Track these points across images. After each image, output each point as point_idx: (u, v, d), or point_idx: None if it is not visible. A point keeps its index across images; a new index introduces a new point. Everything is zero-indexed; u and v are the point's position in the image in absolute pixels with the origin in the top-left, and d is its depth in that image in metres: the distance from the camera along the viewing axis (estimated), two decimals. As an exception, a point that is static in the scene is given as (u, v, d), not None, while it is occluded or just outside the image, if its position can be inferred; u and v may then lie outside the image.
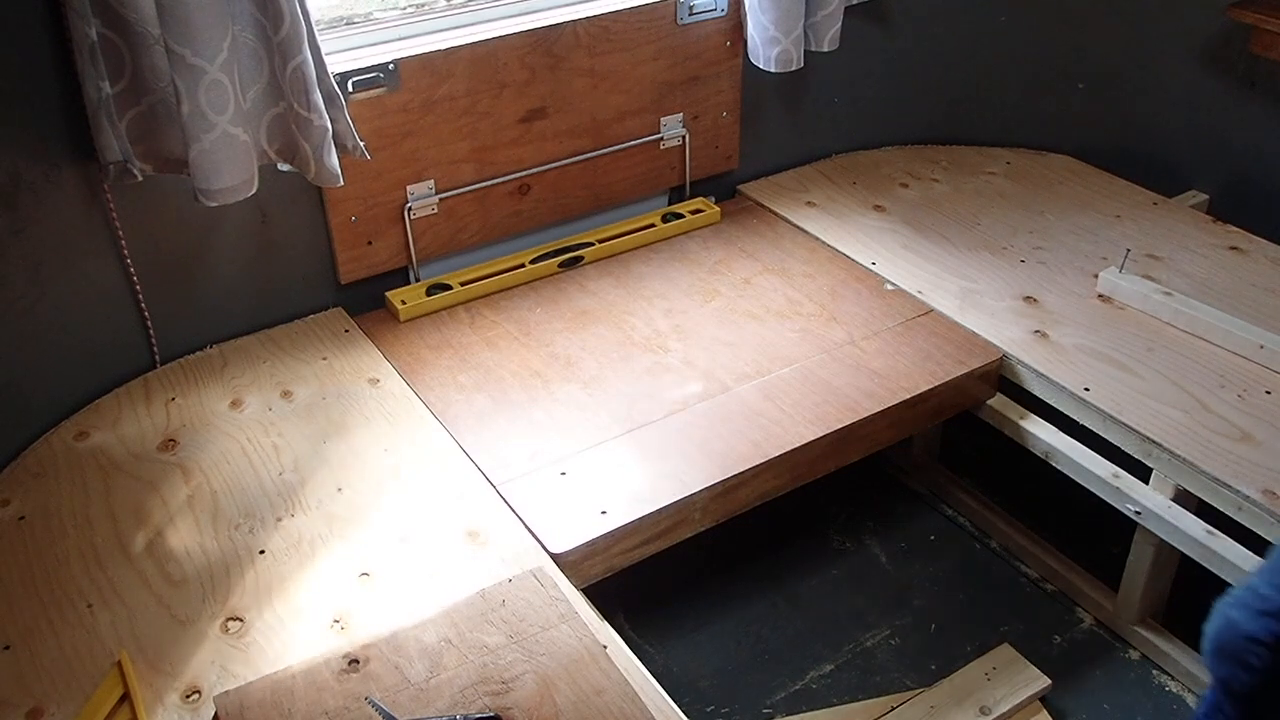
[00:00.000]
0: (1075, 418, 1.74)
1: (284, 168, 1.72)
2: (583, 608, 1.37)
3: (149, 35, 1.51)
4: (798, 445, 1.62)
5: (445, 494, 1.54)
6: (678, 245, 2.13)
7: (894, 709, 1.73)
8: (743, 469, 1.58)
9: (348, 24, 1.88)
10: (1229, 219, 2.15)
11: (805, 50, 2.14)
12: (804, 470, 1.66)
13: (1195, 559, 1.61)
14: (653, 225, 2.16)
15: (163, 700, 1.26)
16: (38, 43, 1.51)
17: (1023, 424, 1.81)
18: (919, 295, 1.95)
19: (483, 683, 1.24)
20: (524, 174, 2.01)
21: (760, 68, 2.14)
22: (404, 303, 1.93)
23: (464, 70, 1.87)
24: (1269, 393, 1.72)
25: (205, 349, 1.84)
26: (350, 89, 1.76)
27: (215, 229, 1.78)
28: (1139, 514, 1.68)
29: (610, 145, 2.09)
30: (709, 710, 1.77)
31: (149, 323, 1.77)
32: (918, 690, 1.77)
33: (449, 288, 1.97)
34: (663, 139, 2.15)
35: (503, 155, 1.98)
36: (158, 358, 1.80)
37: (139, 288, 1.73)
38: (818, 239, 2.13)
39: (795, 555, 2.05)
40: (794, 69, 2.14)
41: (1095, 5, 2.32)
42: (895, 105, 2.42)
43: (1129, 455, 1.69)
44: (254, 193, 1.63)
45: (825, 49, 2.16)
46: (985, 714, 1.71)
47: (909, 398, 1.72)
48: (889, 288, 1.98)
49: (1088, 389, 1.73)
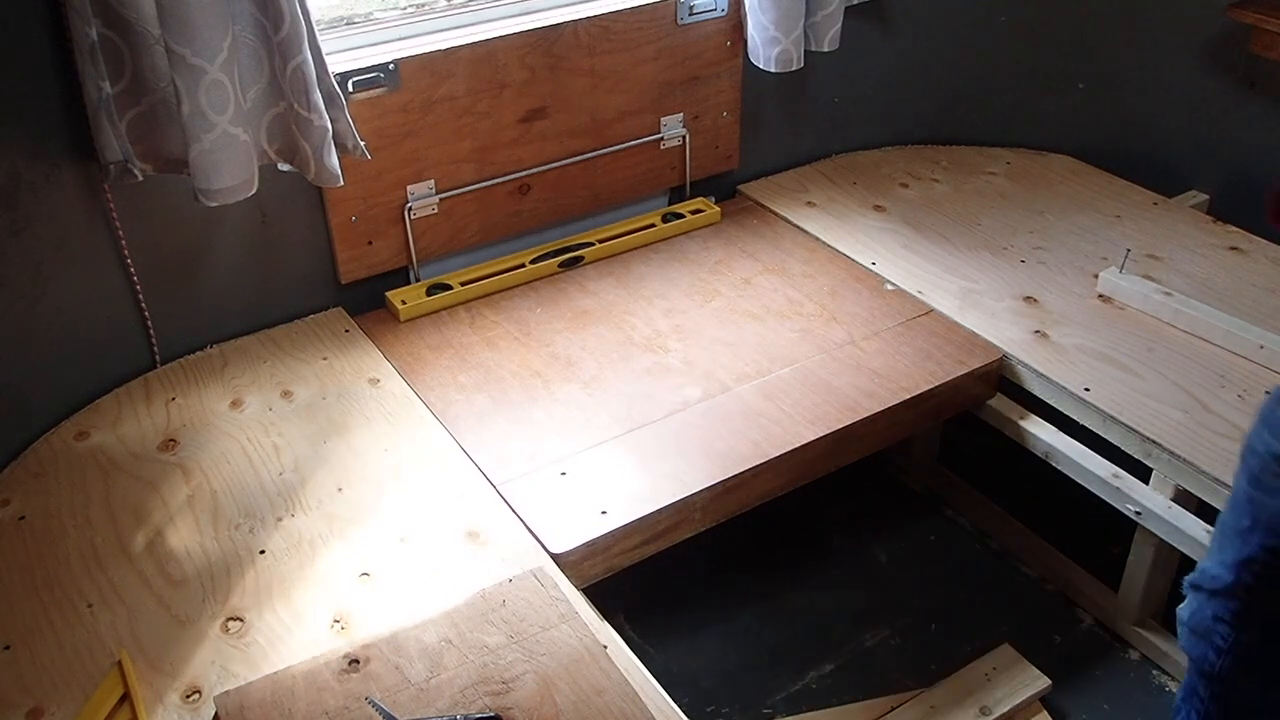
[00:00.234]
0: (1075, 418, 1.74)
1: (284, 168, 1.72)
2: (583, 608, 1.37)
3: (149, 35, 1.51)
4: (798, 445, 1.62)
5: (445, 494, 1.54)
6: (678, 245, 2.13)
7: (894, 709, 1.73)
8: (743, 469, 1.58)
9: (348, 24, 1.88)
10: (1229, 219, 2.15)
11: (805, 50, 2.14)
12: (804, 470, 1.66)
13: (1195, 559, 1.61)
14: (653, 225, 2.16)
15: (163, 700, 1.26)
16: (38, 43, 1.51)
17: (1023, 424, 1.81)
18: (919, 295, 1.95)
19: (483, 683, 1.24)
20: (524, 174, 2.01)
21: (760, 68, 2.14)
22: (404, 303, 1.93)
23: (464, 70, 1.87)
24: (1269, 393, 1.71)
25: (205, 349, 1.84)
26: (350, 89, 1.76)
27: (215, 229, 1.78)
28: (1139, 514, 1.68)
29: (610, 145, 2.09)
30: (709, 710, 1.77)
31: (149, 323, 1.77)
32: (918, 690, 1.77)
33: (449, 288, 1.97)
34: (663, 139, 2.15)
35: (503, 155, 1.98)
36: (158, 358, 1.80)
37: (139, 288, 1.73)
38: (818, 239, 2.13)
39: (795, 555, 2.05)
40: (794, 69, 2.14)
41: (1095, 5, 2.32)
42: (895, 105, 2.42)
43: (1129, 455, 1.69)
44: (254, 193, 1.63)
45: (825, 49, 2.16)
46: (985, 714, 1.71)
47: (909, 398, 1.72)
48: (889, 288, 1.98)
49: (1088, 389, 1.73)
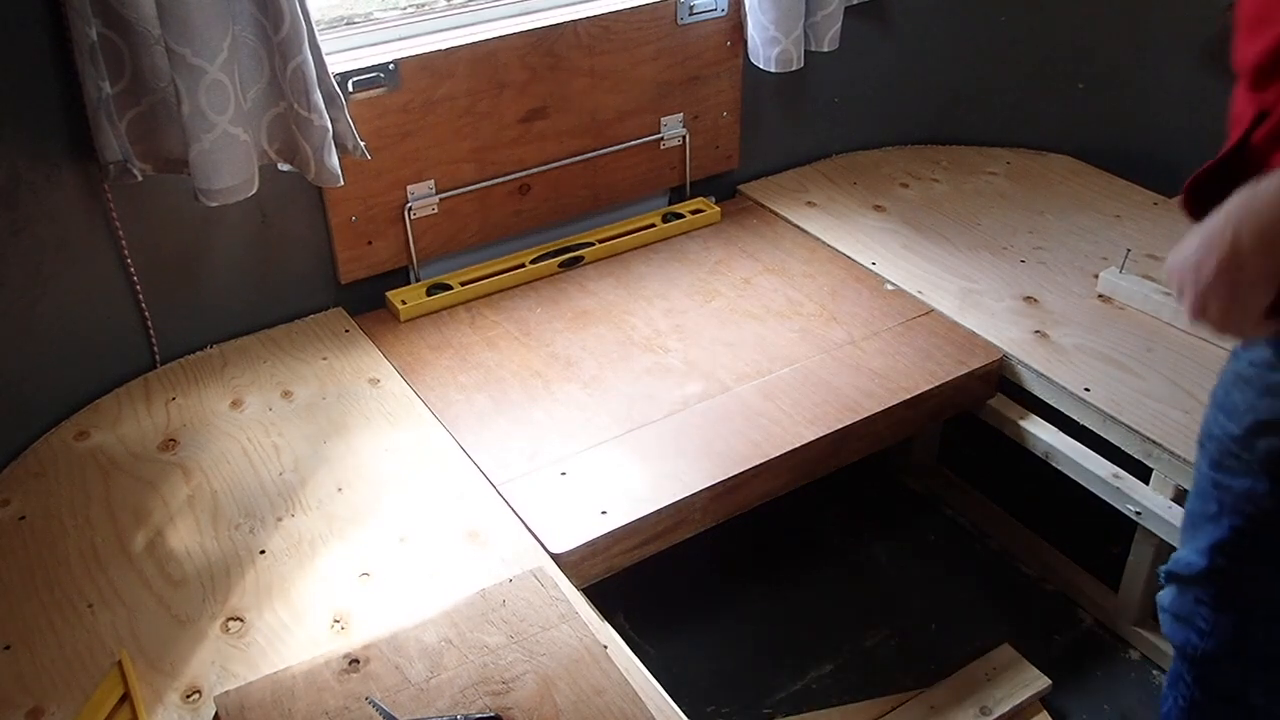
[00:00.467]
0: (1075, 418, 1.74)
1: (284, 168, 1.72)
2: (583, 608, 1.37)
3: (149, 35, 1.51)
4: (798, 445, 1.62)
5: (445, 494, 1.54)
6: (678, 245, 2.13)
7: (894, 709, 1.73)
8: (743, 469, 1.58)
9: (348, 24, 1.88)
10: (1229, 219, 2.15)
11: (805, 50, 2.14)
12: (804, 470, 1.66)
13: (1195, 559, 1.61)
14: (653, 225, 2.16)
15: (163, 700, 1.26)
16: (38, 43, 1.51)
17: (1023, 424, 1.81)
18: (919, 295, 1.95)
19: (483, 683, 1.24)
20: (524, 174, 2.01)
21: (760, 68, 2.14)
22: (404, 303, 1.93)
23: (464, 70, 1.87)
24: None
25: (205, 349, 1.84)
26: (350, 89, 1.76)
27: (215, 229, 1.78)
28: (1139, 514, 1.68)
29: (610, 145, 2.09)
30: (709, 710, 1.77)
31: (149, 323, 1.77)
32: (918, 690, 1.77)
33: (449, 288, 1.97)
34: (663, 139, 2.15)
35: (503, 155, 1.98)
36: (158, 358, 1.80)
37: (139, 288, 1.73)
38: (818, 239, 2.13)
39: (795, 555, 2.05)
40: (794, 69, 2.14)
41: (1096, 5, 2.32)
42: (895, 105, 2.42)
43: (1129, 455, 1.69)
44: (254, 193, 1.63)
45: (825, 49, 2.16)
46: (985, 714, 1.70)
47: (909, 398, 1.72)
48: (889, 288, 1.98)
49: (1088, 389, 1.73)
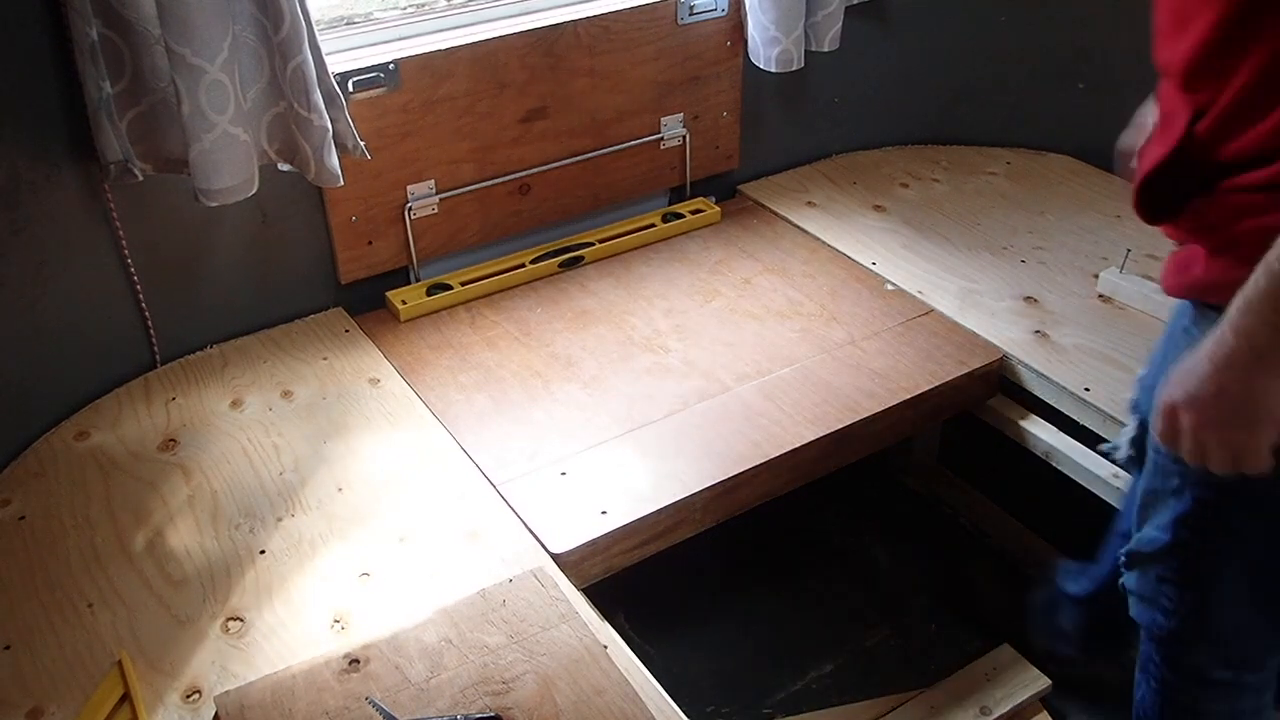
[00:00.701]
0: (1075, 418, 1.74)
1: (284, 168, 1.72)
2: (583, 608, 1.37)
3: (149, 35, 1.51)
4: (798, 445, 1.62)
5: (445, 494, 1.54)
6: (678, 245, 2.13)
7: (894, 709, 1.74)
8: (743, 469, 1.58)
9: (348, 24, 1.88)
10: (1229, 219, 2.15)
11: (805, 50, 2.14)
12: (804, 470, 1.66)
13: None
14: (653, 225, 2.16)
15: (163, 700, 1.26)
16: (38, 43, 1.51)
17: (1023, 424, 1.81)
18: (919, 295, 1.95)
19: (483, 683, 1.24)
20: (524, 174, 2.01)
21: (760, 68, 2.14)
22: (404, 303, 1.93)
23: (464, 70, 1.87)
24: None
25: (205, 349, 1.84)
26: (350, 89, 1.76)
27: (215, 229, 1.78)
28: (1139, 514, 1.68)
29: (610, 145, 2.09)
30: (709, 710, 1.77)
31: (149, 323, 1.77)
32: (918, 690, 1.77)
33: (449, 288, 1.97)
34: (663, 139, 2.15)
35: (503, 155, 1.98)
36: (158, 358, 1.80)
37: (139, 288, 1.73)
38: (818, 239, 2.13)
39: (795, 555, 2.06)
40: (794, 69, 2.14)
41: (1096, 5, 2.32)
42: (895, 105, 2.42)
43: (1129, 455, 1.69)
44: (254, 193, 1.63)
45: (825, 49, 2.16)
46: (985, 714, 1.71)
47: (909, 398, 1.72)
48: (889, 288, 1.98)
49: (1088, 389, 1.72)
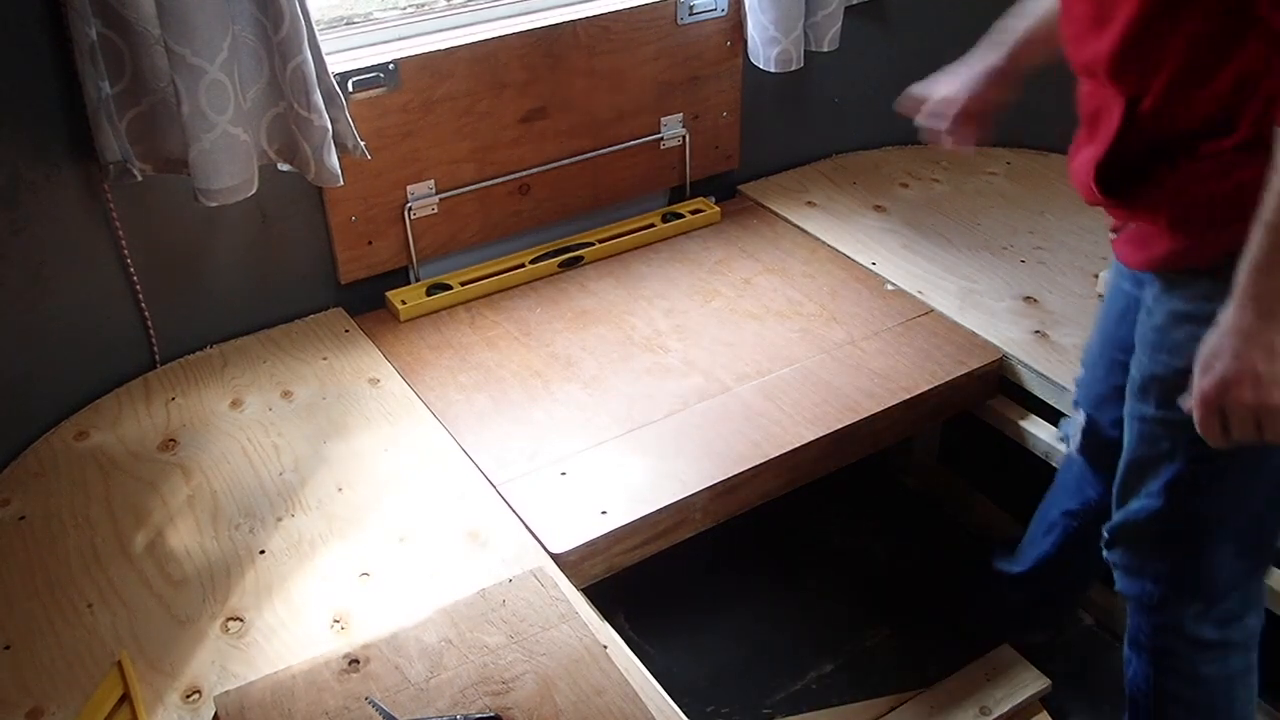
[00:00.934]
0: (1075, 418, 1.74)
1: (284, 168, 1.72)
2: (583, 608, 1.37)
3: (149, 35, 1.51)
4: (798, 445, 1.62)
5: (445, 494, 1.54)
6: (678, 245, 2.13)
7: (894, 709, 1.74)
8: (743, 469, 1.58)
9: (348, 24, 1.88)
10: (1229, 219, 2.15)
11: (805, 50, 2.14)
12: (804, 470, 1.66)
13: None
14: (653, 225, 2.16)
15: (163, 700, 1.26)
16: (38, 43, 1.51)
17: (1023, 424, 1.81)
18: (919, 295, 1.95)
19: (483, 683, 1.24)
20: (524, 174, 2.01)
21: (760, 68, 2.14)
22: (404, 303, 1.93)
23: (464, 70, 1.87)
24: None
25: (205, 349, 1.84)
26: (350, 89, 1.76)
27: (215, 229, 1.78)
28: (1139, 514, 1.68)
29: (610, 145, 2.09)
30: (709, 710, 1.77)
31: (149, 323, 1.77)
32: (918, 690, 1.77)
33: (449, 288, 1.97)
34: (663, 139, 2.15)
35: (503, 155, 1.98)
36: (158, 358, 1.80)
37: (139, 288, 1.73)
38: (818, 239, 2.13)
39: (795, 555, 2.05)
40: (794, 69, 2.14)
41: (1095, 5, 2.32)
42: (895, 105, 2.42)
43: (1129, 455, 1.68)
44: (254, 193, 1.63)
45: (825, 49, 2.16)
46: (985, 714, 1.71)
47: (909, 398, 1.72)
48: (889, 288, 1.98)
49: (1088, 389, 1.73)
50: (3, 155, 1.52)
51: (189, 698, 1.26)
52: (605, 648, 1.29)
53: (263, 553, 1.45)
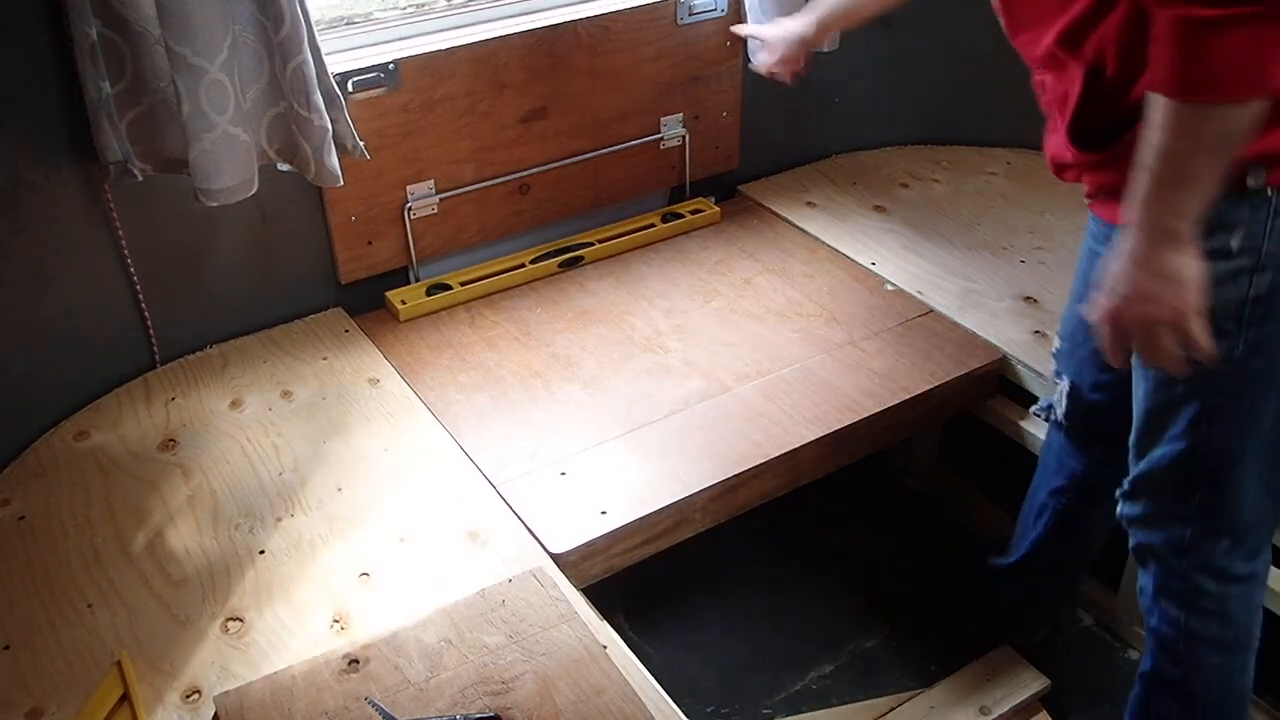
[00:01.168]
0: (1075, 418, 1.74)
1: (284, 168, 1.72)
2: (583, 608, 1.37)
3: (149, 35, 1.51)
4: (798, 445, 1.62)
5: (445, 494, 1.54)
6: (678, 245, 2.13)
7: (894, 709, 1.74)
8: (743, 469, 1.58)
9: (348, 24, 1.88)
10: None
11: (805, 50, 2.14)
12: (804, 470, 1.66)
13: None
14: (653, 225, 2.16)
15: (163, 700, 1.26)
16: (38, 43, 1.51)
17: (1023, 424, 1.81)
18: (919, 295, 1.95)
19: (483, 683, 1.24)
20: (524, 174, 2.01)
21: (760, 68, 2.14)
22: (404, 303, 1.93)
23: (464, 70, 1.87)
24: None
25: (205, 349, 1.84)
26: (350, 89, 1.76)
27: (215, 229, 1.78)
28: (1139, 514, 1.68)
29: (610, 145, 2.09)
30: (709, 710, 1.77)
31: (149, 323, 1.77)
32: (918, 690, 1.77)
33: (449, 288, 1.97)
34: (663, 139, 2.15)
35: (503, 155, 1.98)
36: (158, 358, 1.80)
37: (139, 288, 1.73)
38: (818, 239, 2.13)
39: (795, 555, 2.05)
40: (794, 69, 2.14)
41: (1095, 5, 2.32)
42: (895, 105, 2.42)
43: (1129, 455, 1.68)
44: (254, 193, 1.63)
45: (825, 49, 2.16)
46: (985, 714, 1.71)
47: (909, 398, 1.72)
48: (889, 288, 1.98)
49: (1088, 389, 1.72)
50: (3, 155, 1.52)
51: (189, 698, 1.26)
52: (605, 648, 1.29)
53: (263, 553, 1.45)
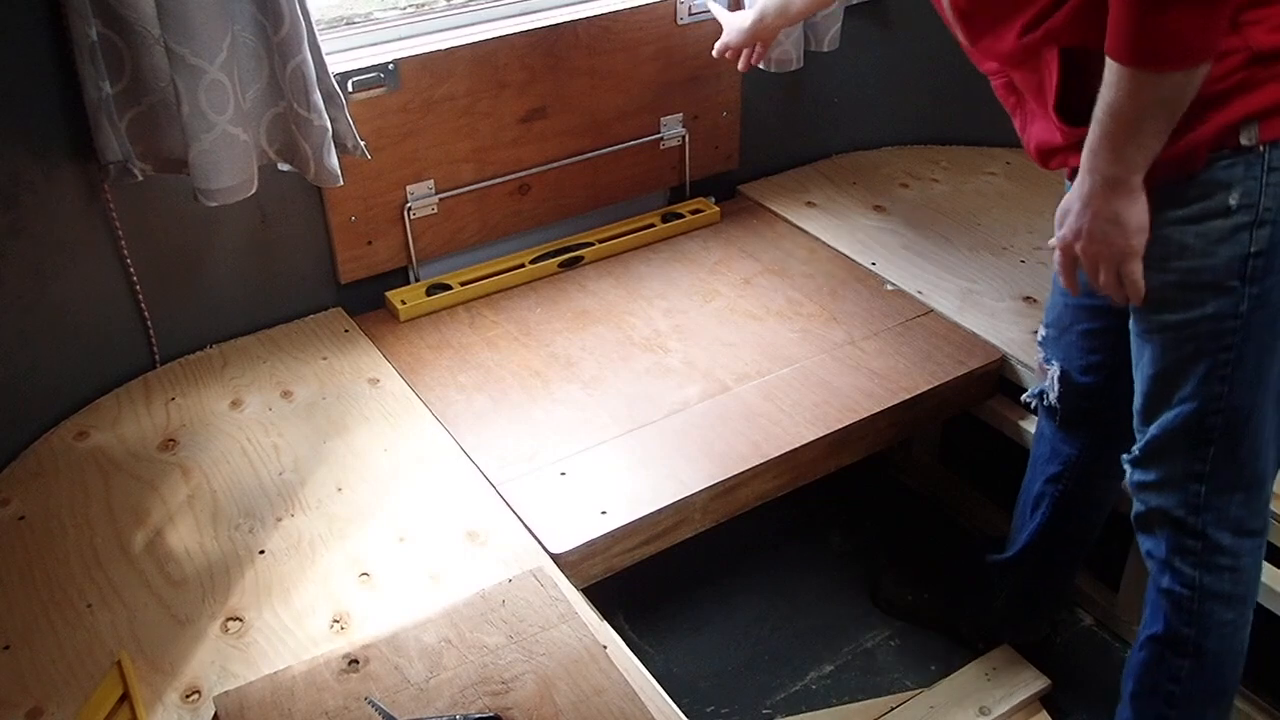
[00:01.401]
0: (1075, 418, 1.74)
1: (284, 168, 1.72)
2: (583, 608, 1.37)
3: (149, 35, 1.51)
4: (798, 445, 1.62)
5: (445, 494, 1.54)
6: (678, 245, 2.13)
7: (894, 709, 1.74)
8: (743, 469, 1.58)
9: (348, 24, 1.88)
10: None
11: (805, 50, 2.14)
12: (804, 470, 1.66)
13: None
14: (652, 225, 2.16)
15: (163, 700, 1.26)
16: (38, 43, 1.51)
17: (1023, 424, 1.81)
18: (919, 295, 1.95)
19: (483, 683, 1.24)
20: (524, 174, 2.01)
21: (760, 68, 2.14)
22: (404, 303, 1.93)
23: (464, 70, 1.87)
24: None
25: (205, 349, 1.84)
26: (350, 89, 1.76)
27: (215, 229, 1.78)
28: (1139, 514, 1.68)
29: (610, 145, 2.09)
30: (709, 710, 1.77)
31: (149, 323, 1.77)
32: (918, 690, 1.77)
33: (449, 288, 1.97)
34: (663, 139, 2.15)
35: (503, 155, 1.98)
36: (158, 358, 1.80)
37: (139, 288, 1.73)
38: (818, 239, 2.13)
39: (795, 555, 2.05)
40: (793, 69, 2.14)
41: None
42: (895, 105, 2.42)
43: (1129, 455, 1.68)
44: (254, 193, 1.63)
45: (825, 49, 2.16)
46: (985, 714, 1.71)
47: (909, 398, 1.72)
48: (889, 288, 1.98)
49: (1088, 389, 1.72)
50: (3, 155, 1.52)
51: (189, 698, 1.26)
52: (605, 648, 1.29)
53: (263, 553, 1.45)
